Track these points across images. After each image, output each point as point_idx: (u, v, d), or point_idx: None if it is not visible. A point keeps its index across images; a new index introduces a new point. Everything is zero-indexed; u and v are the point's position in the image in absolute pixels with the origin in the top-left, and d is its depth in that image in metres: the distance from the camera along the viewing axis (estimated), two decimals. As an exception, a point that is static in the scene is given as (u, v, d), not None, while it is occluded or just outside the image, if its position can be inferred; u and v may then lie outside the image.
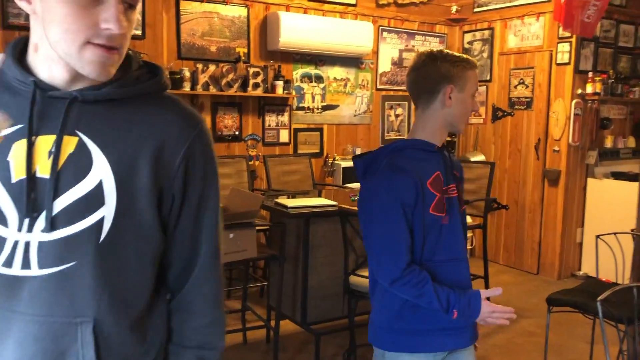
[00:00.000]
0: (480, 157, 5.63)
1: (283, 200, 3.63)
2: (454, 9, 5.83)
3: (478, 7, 5.76)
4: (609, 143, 5.31)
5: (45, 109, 0.87)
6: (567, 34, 4.79)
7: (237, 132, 4.83)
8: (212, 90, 4.56)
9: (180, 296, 1.00)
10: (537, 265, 5.34)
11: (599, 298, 2.19)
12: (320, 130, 5.33)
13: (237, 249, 3.16)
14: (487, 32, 5.71)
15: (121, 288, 0.90)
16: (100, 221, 0.87)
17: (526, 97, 5.35)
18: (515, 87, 5.44)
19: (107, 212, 0.87)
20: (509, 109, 5.53)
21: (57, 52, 0.85)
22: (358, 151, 5.44)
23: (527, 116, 5.36)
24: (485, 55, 5.74)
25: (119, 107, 0.91)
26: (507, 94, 5.52)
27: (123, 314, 0.91)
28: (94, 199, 0.86)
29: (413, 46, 5.78)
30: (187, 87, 4.40)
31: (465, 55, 1.69)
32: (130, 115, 0.92)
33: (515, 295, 4.68)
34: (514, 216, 5.50)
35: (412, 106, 5.85)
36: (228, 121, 4.79)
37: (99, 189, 0.87)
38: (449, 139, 6.01)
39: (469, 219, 4.84)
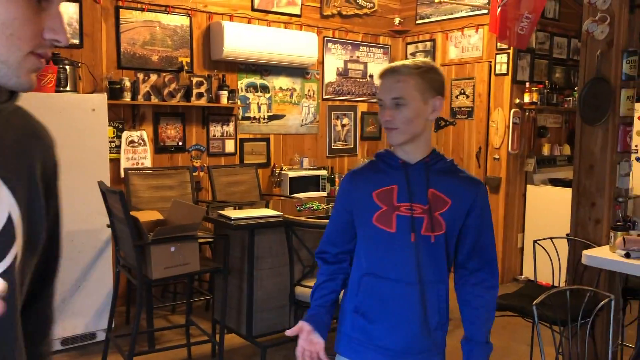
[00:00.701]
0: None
1: (227, 211, 3.58)
2: (396, 20, 5.94)
3: (420, 19, 5.88)
4: (546, 151, 5.51)
5: None
6: (505, 46, 4.96)
7: (180, 143, 4.75)
8: (154, 100, 4.46)
9: None
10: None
11: (534, 302, 2.25)
12: (267, 140, 5.30)
13: (179, 262, 3.09)
14: (429, 44, 5.84)
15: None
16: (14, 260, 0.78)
17: (467, 107, 5.50)
18: (457, 97, 5.58)
19: (18, 249, 0.79)
20: (451, 119, 5.66)
21: None
22: (305, 161, 5.44)
23: (469, 125, 5.50)
24: (427, 65, 5.86)
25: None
26: (449, 103, 5.66)
27: None
28: (6, 235, 0.78)
29: (358, 57, 5.84)
30: (127, 97, 4.29)
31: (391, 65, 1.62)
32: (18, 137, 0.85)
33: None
34: (458, 223, 5.60)
35: (359, 116, 5.91)
36: (171, 131, 4.70)
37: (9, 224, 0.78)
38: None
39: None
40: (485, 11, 5.20)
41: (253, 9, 5.03)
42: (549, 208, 5.19)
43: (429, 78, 1.56)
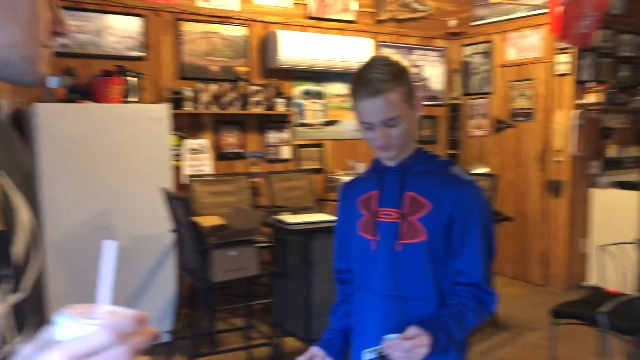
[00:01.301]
0: (484, 169, 5.63)
1: (284, 216, 3.64)
2: (452, 23, 5.87)
3: (476, 20, 5.79)
4: (612, 152, 5.30)
5: None
6: (567, 45, 4.81)
7: (239, 150, 4.86)
8: (214, 109, 4.60)
9: None
10: (543, 277, 5.30)
11: (601, 310, 2.18)
12: (322, 145, 5.35)
13: (239, 266, 3.17)
14: (486, 45, 5.74)
15: None
16: None
17: (527, 109, 5.36)
18: (516, 98, 5.45)
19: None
20: (510, 121, 5.53)
21: (11, 56, 0.74)
22: (359, 166, 5.45)
23: (529, 127, 5.36)
24: (485, 68, 5.77)
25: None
26: (508, 105, 5.53)
27: None
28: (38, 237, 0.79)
29: (413, 61, 5.81)
30: (188, 107, 4.44)
31: (357, 75, 1.44)
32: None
33: (522, 308, 4.65)
34: (518, 228, 5.47)
35: (414, 120, 5.86)
36: (230, 139, 4.82)
37: None
38: (453, 151, 6.02)
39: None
40: (545, 10, 5.06)
41: (308, 17, 5.10)
42: (615, 212, 4.98)
43: (406, 81, 1.40)
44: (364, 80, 1.40)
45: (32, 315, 0.77)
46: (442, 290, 1.43)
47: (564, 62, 5.01)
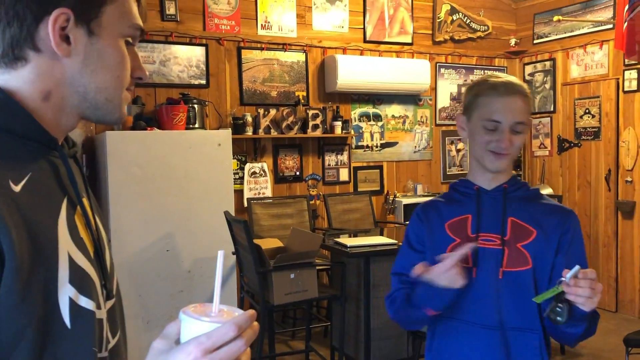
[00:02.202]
0: (548, 190, 5.45)
1: (343, 239, 3.65)
2: (512, 41, 5.77)
3: (538, 38, 5.67)
4: (687, 172, 5.02)
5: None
6: (634, 61, 4.63)
7: (297, 173, 4.93)
8: (273, 133, 4.70)
9: None
10: (615, 303, 5.05)
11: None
12: (380, 167, 5.35)
13: (298, 289, 3.20)
14: (548, 63, 5.60)
15: None
16: None
17: (593, 127, 5.17)
18: (581, 117, 5.27)
19: None
20: (575, 140, 5.35)
21: (97, 99, 0.81)
22: (419, 188, 5.41)
23: (595, 146, 5.16)
24: (547, 86, 5.62)
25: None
26: (573, 124, 5.36)
27: None
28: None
29: (472, 81, 5.74)
30: (249, 132, 4.56)
31: (487, 77, 1.44)
32: None
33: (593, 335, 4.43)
34: (587, 251, 5.22)
35: (473, 141, 5.77)
36: (289, 162, 4.90)
37: None
38: (513, 171, 5.86)
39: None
40: (610, 26, 4.91)
41: (365, 41, 5.15)
42: (694, 235, 4.70)
43: (531, 100, 1.44)
44: (499, 81, 1.39)
45: (119, 319, 0.89)
46: (544, 320, 1.35)
47: (632, 78, 4.82)
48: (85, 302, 0.76)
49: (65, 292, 0.73)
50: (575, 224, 1.41)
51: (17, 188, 0.71)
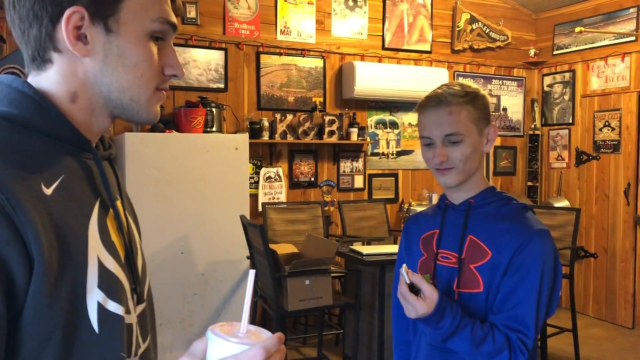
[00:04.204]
0: (565, 203, 5.39)
1: (358, 246, 3.63)
2: (532, 52, 5.73)
3: (558, 49, 5.63)
4: None
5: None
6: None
7: (312, 179, 4.92)
8: (290, 138, 4.70)
9: None
10: (632, 319, 4.96)
11: None
12: (395, 175, 5.32)
13: (312, 295, 3.18)
14: (567, 75, 5.55)
15: None
16: None
17: (613, 140, 5.11)
18: (601, 129, 5.22)
19: None
20: (594, 153, 5.29)
21: (121, 99, 0.79)
22: (434, 196, 5.37)
23: (615, 160, 5.10)
24: (566, 97, 5.57)
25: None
26: (592, 137, 5.30)
27: None
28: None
29: (490, 90, 5.71)
30: (265, 136, 4.55)
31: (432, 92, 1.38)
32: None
33: (609, 351, 4.36)
34: (603, 265, 5.17)
35: (491, 150, 5.73)
36: (304, 168, 4.89)
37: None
38: (530, 183, 5.82)
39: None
40: (633, 38, 4.86)
41: (384, 48, 5.14)
42: None
43: (480, 105, 1.33)
44: (430, 95, 1.35)
45: (150, 324, 0.88)
46: (502, 349, 1.27)
47: (653, 91, 4.76)
48: (114, 307, 0.75)
49: (94, 297, 0.72)
50: (535, 247, 1.26)
51: (49, 191, 0.70)
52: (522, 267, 1.25)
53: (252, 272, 0.69)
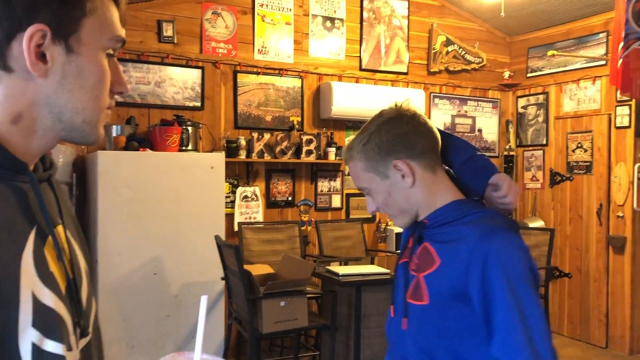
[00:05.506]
0: (540, 223, 5.45)
1: (335, 267, 3.60)
2: (506, 74, 5.83)
3: (531, 72, 5.74)
4: (678, 208, 5.04)
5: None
6: (626, 97, 4.68)
7: (290, 198, 4.89)
8: (267, 157, 4.67)
9: None
10: (605, 339, 5.01)
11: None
12: (373, 195, 5.31)
13: (288, 317, 3.14)
14: (541, 97, 5.65)
15: None
16: None
17: (585, 161, 5.20)
18: (574, 151, 5.31)
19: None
20: (567, 174, 5.37)
21: (73, 121, 0.74)
22: (411, 217, 5.38)
23: (587, 181, 5.18)
24: (540, 119, 5.67)
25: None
26: (565, 158, 5.39)
27: None
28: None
29: (465, 111, 5.78)
30: (242, 155, 4.53)
31: None
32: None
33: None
34: (577, 285, 5.23)
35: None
36: (282, 187, 4.87)
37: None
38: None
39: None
40: (603, 62, 4.98)
41: (361, 69, 5.18)
42: (684, 272, 4.70)
43: (369, 149, 1.21)
44: (346, 145, 1.29)
45: (96, 356, 0.81)
46: None
47: (624, 114, 4.87)
48: (52, 347, 0.68)
49: (28, 337, 0.65)
50: (491, 254, 1.08)
51: None
52: (486, 287, 1.07)
53: (203, 299, 0.66)
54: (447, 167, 1.30)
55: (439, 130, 1.30)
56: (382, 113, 1.27)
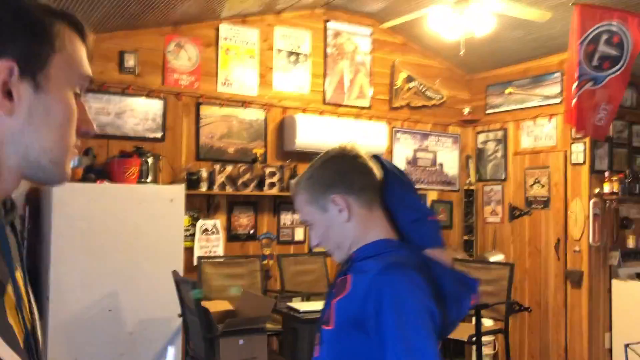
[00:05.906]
0: (500, 257, 5.52)
1: (296, 303, 3.55)
2: (466, 110, 5.96)
3: (490, 108, 5.88)
4: (631, 243, 5.18)
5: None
6: (581, 135, 4.84)
7: (252, 231, 4.83)
8: (229, 189, 4.61)
9: None
10: (565, 373, 5.05)
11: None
12: (336, 229, 5.30)
13: (247, 356, 3.05)
14: (500, 133, 5.79)
15: None
16: None
17: (543, 197, 5.32)
18: (531, 186, 5.42)
19: None
20: (526, 208, 5.48)
21: (40, 161, 0.72)
22: (374, 250, 5.37)
23: (545, 215, 5.29)
24: (499, 154, 5.79)
25: None
26: (524, 193, 5.50)
27: None
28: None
29: (427, 146, 5.86)
30: (203, 187, 4.46)
31: None
32: None
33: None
34: (537, 319, 5.28)
35: (428, 204, 5.83)
36: (243, 220, 4.80)
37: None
38: (466, 237, 5.94)
39: (489, 322, 4.66)
40: (558, 100, 5.14)
41: (325, 103, 5.21)
42: (638, 305, 4.80)
43: (312, 183, 1.30)
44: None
45: None
46: None
47: (579, 151, 5.02)
48: None
49: None
50: (379, 286, 1.13)
51: None
52: (378, 316, 1.11)
53: (171, 349, 0.62)
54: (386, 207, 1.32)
55: (399, 179, 1.34)
56: (328, 151, 1.36)
